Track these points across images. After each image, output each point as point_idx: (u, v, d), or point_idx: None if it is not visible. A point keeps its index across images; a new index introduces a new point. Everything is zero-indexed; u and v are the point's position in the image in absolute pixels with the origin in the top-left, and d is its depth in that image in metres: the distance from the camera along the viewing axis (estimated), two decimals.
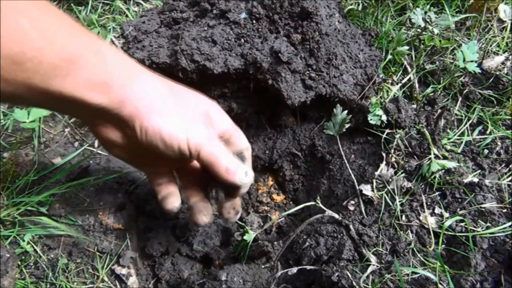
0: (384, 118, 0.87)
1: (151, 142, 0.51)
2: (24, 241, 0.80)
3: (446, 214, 0.76)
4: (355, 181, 0.84)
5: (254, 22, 0.83)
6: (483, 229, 0.73)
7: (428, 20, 0.95)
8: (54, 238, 0.83)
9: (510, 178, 0.80)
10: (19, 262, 0.79)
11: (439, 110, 0.90)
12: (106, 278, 0.81)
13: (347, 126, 0.84)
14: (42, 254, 0.80)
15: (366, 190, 0.82)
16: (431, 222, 0.76)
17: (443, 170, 0.81)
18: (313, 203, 0.78)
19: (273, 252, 0.84)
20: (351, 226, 0.76)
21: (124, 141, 0.55)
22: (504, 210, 0.75)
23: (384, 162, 0.86)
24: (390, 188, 0.81)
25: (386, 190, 0.81)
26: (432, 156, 0.81)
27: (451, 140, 0.87)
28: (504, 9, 1.01)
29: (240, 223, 0.84)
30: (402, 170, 0.83)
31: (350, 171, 0.86)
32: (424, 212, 0.78)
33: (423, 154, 0.84)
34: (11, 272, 0.74)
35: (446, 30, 1.05)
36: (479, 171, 0.82)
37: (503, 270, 0.67)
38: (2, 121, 0.97)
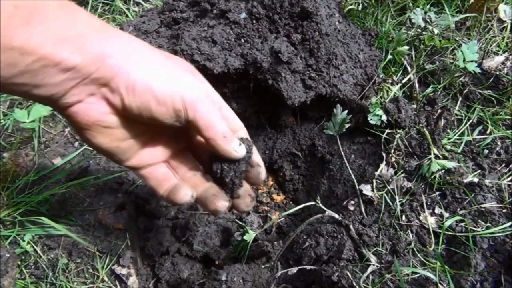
0: (384, 118, 0.87)
1: (141, 102, 0.45)
2: (24, 241, 0.80)
3: (446, 214, 0.76)
4: (355, 181, 0.84)
5: (254, 22, 0.83)
6: (483, 229, 0.73)
7: (428, 20, 0.95)
8: (54, 238, 0.83)
9: (510, 178, 0.80)
10: (19, 262, 0.79)
11: (439, 110, 0.90)
12: (106, 278, 0.81)
13: (347, 126, 0.84)
14: (42, 254, 0.80)
15: (366, 190, 0.82)
16: (431, 222, 0.76)
17: (443, 170, 0.81)
18: (313, 203, 0.78)
19: (273, 252, 0.84)
20: (351, 226, 0.76)
21: (109, 117, 0.47)
22: (504, 210, 0.75)
23: (384, 162, 0.86)
24: (390, 188, 0.81)
25: (386, 190, 0.81)
26: (432, 156, 0.81)
27: (451, 140, 0.87)
28: (504, 9, 1.01)
29: (240, 223, 0.84)
30: (402, 170, 0.83)
31: (350, 171, 0.86)
32: (424, 212, 0.78)
33: (423, 154, 0.84)
34: (11, 272, 0.74)
35: (446, 30, 1.05)
36: (479, 171, 0.82)
37: (503, 270, 0.67)
38: (2, 121, 0.97)
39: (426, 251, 0.73)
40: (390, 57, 0.98)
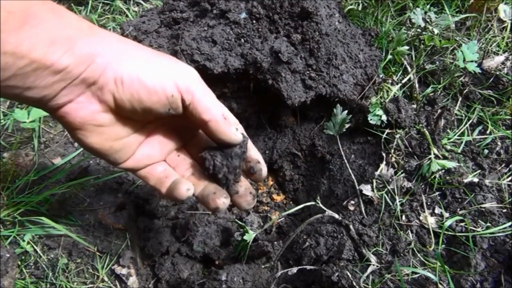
0: (384, 118, 0.87)
1: (131, 94, 0.45)
2: (24, 241, 0.80)
3: (446, 214, 0.76)
4: (355, 181, 0.84)
5: (254, 22, 0.83)
6: (483, 229, 0.73)
7: (428, 20, 0.95)
8: (54, 238, 0.83)
9: (510, 178, 0.80)
10: (19, 262, 0.79)
11: (439, 110, 0.90)
12: (106, 278, 0.81)
13: (347, 126, 0.84)
14: (42, 254, 0.80)
15: (366, 190, 0.82)
16: (431, 222, 0.76)
17: (443, 170, 0.81)
18: (313, 203, 0.78)
19: (273, 252, 0.84)
20: (351, 226, 0.76)
21: (100, 115, 0.47)
22: (504, 210, 0.75)
23: (384, 162, 0.86)
24: (390, 188, 0.81)
25: (386, 190, 0.81)
26: (432, 156, 0.81)
27: (451, 140, 0.87)
28: (504, 9, 1.01)
29: (240, 223, 0.84)
30: (402, 170, 0.83)
31: (350, 171, 0.86)
32: (424, 212, 0.78)
33: (423, 154, 0.84)
34: (11, 272, 0.74)
35: (446, 30, 1.05)
36: (479, 171, 0.82)
37: (503, 270, 0.67)
38: (2, 121, 0.97)
39: (426, 251, 0.73)
40: (390, 57, 0.98)
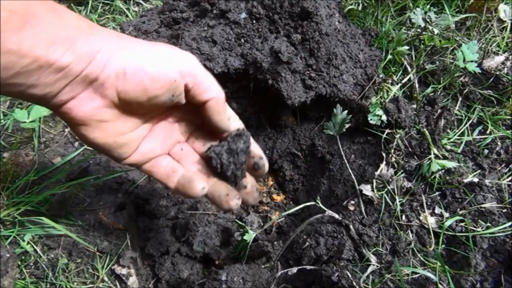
0: (384, 118, 0.87)
1: (135, 84, 0.46)
2: (24, 241, 0.80)
3: (446, 214, 0.76)
4: (355, 181, 0.84)
5: (254, 22, 0.83)
6: (483, 229, 0.73)
7: (428, 20, 0.95)
8: (54, 238, 0.83)
9: (510, 178, 0.80)
10: (19, 262, 0.79)
11: (439, 110, 0.90)
12: (106, 278, 0.81)
13: (347, 126, 0.84)
14: (42, 254, 0.80)
15: (366, 190, 0.82)
16: (431, 222, 0.76)
17: (443, 170, 0.81)
18: (313, 203, 0.78)
19: (273, 252, 0.84)
20: (351, 226, 0.76)
21: (103, 111, 0.48)
22: (504, 210, 0.75)
23: (384, 162, 0.86)
24: (390, 188, 0.81)
25: (386, 190, 0.81)
26: (432, 156, 0.81)
27: (451, 140, 0.87)
28: (504, 9, 1.01)
29: (240, 223, 0.84)
30: (402, 170, 0.83)
31: (350, 171, 0.86)
32: (424, 212, 0.78)
33: (423, 154, 0.84)
34: (11, 272, 0.74)
35: (446, 30, 1.05)
36: (479, 171, 0.82)
37: (503, 270, 0.67)
38: (2, 121, 0.97)
39: (426, 251, 0.73)
40: (390, 57, 0.98)
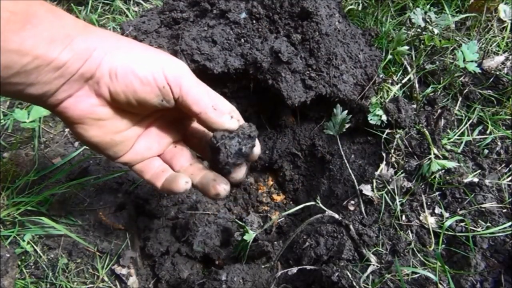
0: (384, 118, 0.87)
1: (125, 85, 0.47)
2: (24, 241, 0.80)
3: (446, 214, 0.76)
4: (355, 181, 0.84)
5: (254, 22, 0.83)
6: (483, 229, 0.73)
7: (428, 20, 0.95)
8: (54, 238, 0.83)
9: (510, 178, 0.80)
10: (19, 262, 0.79)
11: (439, 110, 0.90)
12: (106, 278, 0.81)
13: (347, 126, 0.84)
14: (42, 254, 0.80)
15: (366, 190, 0.82)
16: (431, 222, 0.76)
17: (443, 170, 0.81)
18: (313, 203, 0.78)
19: (273, 252, 0.84)
20: (351, 226, 0.76)
21: (99, 109, 0.49)
22: (504, 210, 0.75)
23: (384, 162, 0.86)
24: (390, 188, 0.81)
25: (386, 190, 0.81)
26: (432, 156, 0.81)
27: (451, 140, 0.87)
28: (504, 9, 1.01)
29: (240, 223, 0.84)
30: (402, 170, 0.83)
31: (350, 171, 0.86)
32: (424, 212, 0.78)
33: (423, 154, 0.84)
34: (11, 272, 0.74)
35: (446, 30, 1.05)
36: (479, 171, 0.82)
37: (503, 270, 0.67)
38: (2, 121, 0.97)
39: (426, 251, 0.73)
40: (390, 57, 0.98)
